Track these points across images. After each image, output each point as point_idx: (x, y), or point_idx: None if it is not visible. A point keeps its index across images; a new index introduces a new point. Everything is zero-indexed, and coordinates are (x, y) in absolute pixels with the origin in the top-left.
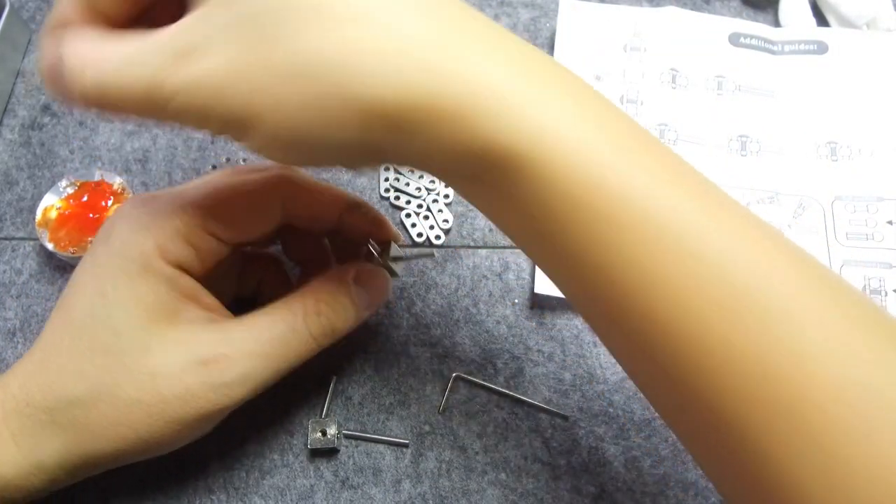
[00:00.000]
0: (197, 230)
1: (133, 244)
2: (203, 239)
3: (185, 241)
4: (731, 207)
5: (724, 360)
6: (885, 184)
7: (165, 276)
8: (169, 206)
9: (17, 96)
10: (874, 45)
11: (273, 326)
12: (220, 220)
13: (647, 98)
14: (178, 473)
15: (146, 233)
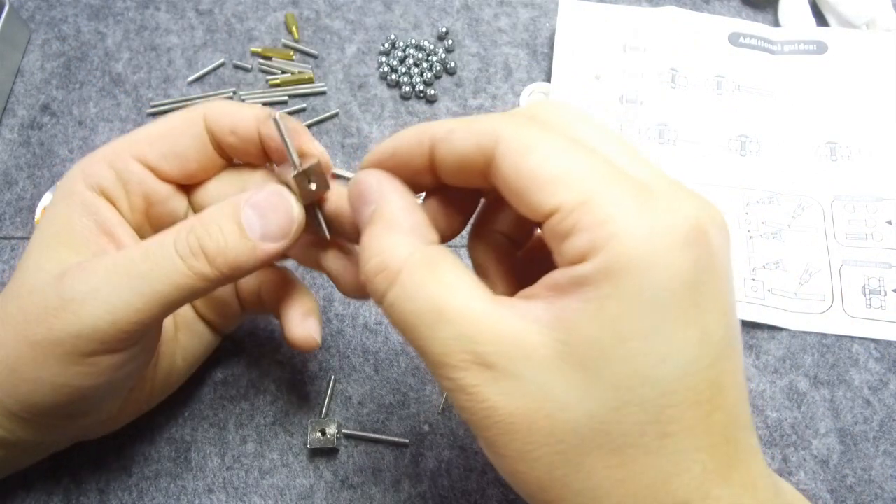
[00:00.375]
0: (122, 154)
1: (69, 173)
2: (126, 163)
3: (109, 166)
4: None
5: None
6: (884, 183)
7: (84, 201)
8: (108, 143)
9: (17, 96)
10: (873, 45)
11: (142, 245)
12: (146, 141)
13: (647, 98)
14: (178, 473)
15: (78, 164)
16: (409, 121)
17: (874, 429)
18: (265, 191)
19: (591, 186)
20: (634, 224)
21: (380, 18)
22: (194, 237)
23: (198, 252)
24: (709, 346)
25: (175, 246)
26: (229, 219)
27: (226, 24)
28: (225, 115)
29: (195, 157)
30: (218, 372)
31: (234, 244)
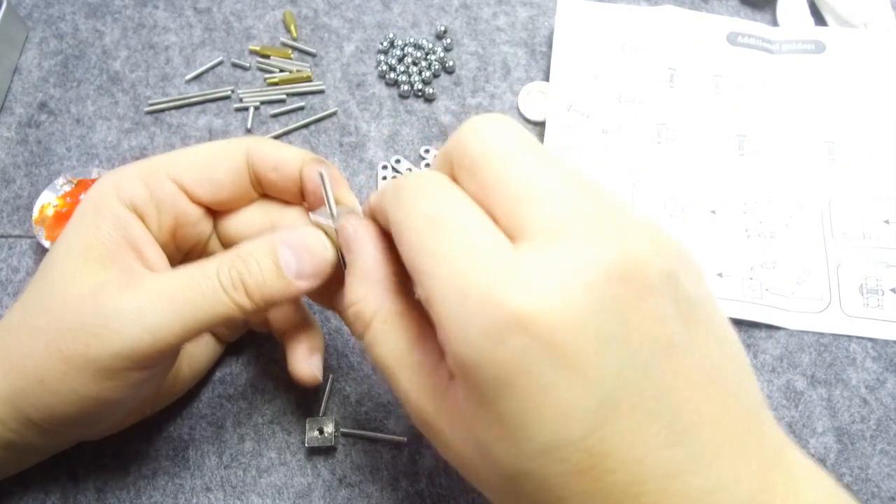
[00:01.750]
0: (157, 174)
1: (100, 183)
2: (161, 182)
3: (143, 183)
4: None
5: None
6: (882, 183)
7: (113, 213)
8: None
9: (14, 94)
10: (872, 45)
11: (185, 271)
12: (183, 164)
13: (645, 97)
14: (176, 471)
15: (110, 177)
16: (407, 120)
17: (871, 428)
18: (301, 232)
19: (429, 286)
20: (458, 328)
21: (378, 17)
22: (236, 272)
23: (239, 286)
24: (572, 420)
25: (219, 277)
26: (267, 257)
27: (224, 22)
28: (269, 153)
29: (229, 187)
30: (216, 371)
31: (272, 280)
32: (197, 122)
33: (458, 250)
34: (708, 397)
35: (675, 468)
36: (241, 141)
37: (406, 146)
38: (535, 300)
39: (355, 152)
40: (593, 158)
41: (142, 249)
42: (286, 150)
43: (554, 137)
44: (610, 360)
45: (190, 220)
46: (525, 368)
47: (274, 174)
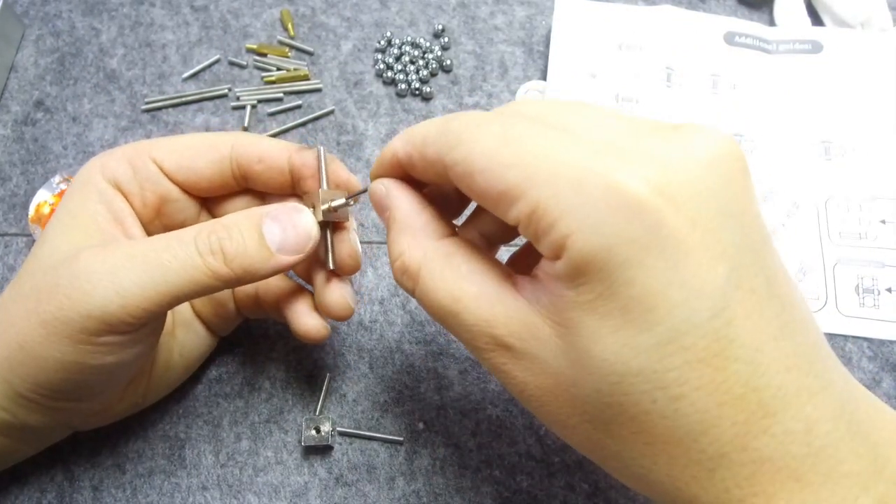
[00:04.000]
0: (141, 153)
1: (89, 164)
2: (144, 163)
3: (127, 161)
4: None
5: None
6: (879, 183)
7: (97, 189)
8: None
9: (11, 91)
10: (868, 45)
11: (163, 236)
12: (167, 149)
13: (643, 97)
14: (172, 470)
15: (101, 156)
16: (404, 118)
17: None
18: (287, 206)
19: (533, 195)
20: (579, 217)
21: (376, 16)
22: (216, 237)
23: (217, 251)
24: (699, 301)
25: (196, 242)
26: (251, 226)
27: (221, 20)
28: (254, 146)
29: (208, 176)
30: (212, 369)
31: (253, 250)
32: (194, 121)
33: (555, 144)
34: (798, 296)
35: (789, 362)
36: (229, 135)
37: None
38: (659, 176)
39: (352, 151)
40: None
41: (124, 223)
42: (271, 143)
43: None
44: (732, 235)
45: (172, 198)
46: (654, 243)
47: (259, 166)
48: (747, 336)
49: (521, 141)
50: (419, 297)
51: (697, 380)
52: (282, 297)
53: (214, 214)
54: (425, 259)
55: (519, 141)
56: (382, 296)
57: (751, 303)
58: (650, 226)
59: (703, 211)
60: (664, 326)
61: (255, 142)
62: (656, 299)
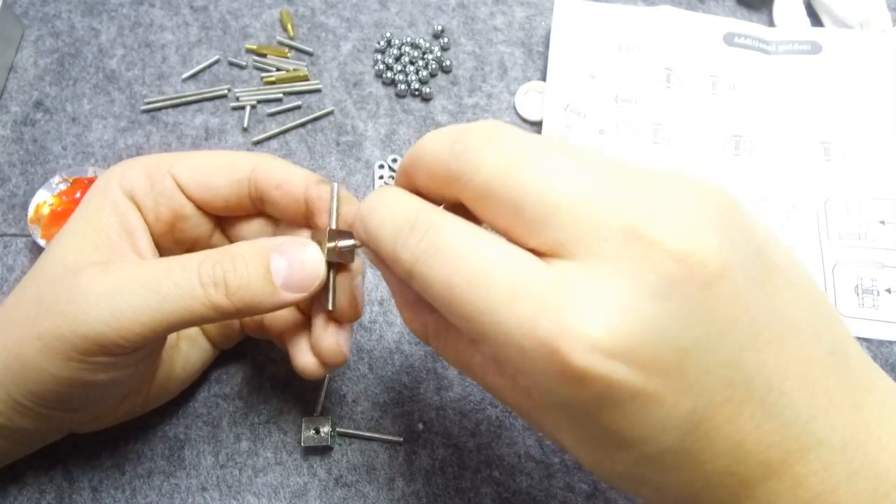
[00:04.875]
0: (160, 168)
1: (108, 172)
2: (162, 177)
3: (146, 174)
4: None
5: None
6: (878, 183)
7: (113, 199)
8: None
9: (10, 92)
10: (868, 46)
11: (166, 260)
12: (186, 166)
13: (642, 97)
14: (172, 471)
15: (121, 165)
16: (404, 119)
17: None
18: (298, 242)
19: (487, 345)
20: (531, 381)
21: (375, 16)
22: (220, 268)
23: (220, 283)
24: (666, 432)
25: (199, 271)
26: (258, 259)
27: (220, 20)
28: (275, 171)
29: (225, 195)
30: (212, 370)
31: (257, 284)
32: (193, 121)
33: (497, 300)
34: (792, 356)
35: (773, 439)
36: (252, 156)
37: (403, 145)
38: (604, 329)
39: (352, 151)
40: None
41: (134, 236)
42: (292, 171)
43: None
44: (696, 364)
45: (186, 214)
46: (610, 402)
47: (277, 192)
48: (723, 440)
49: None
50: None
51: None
52: (287, 328)
53: (227, 234)
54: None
55: (469, 293)
56: (382, 296)
57: (726, 412)
58: (600, 392)
59: (661, 351)
60: (635, 454)
61: (277, 168)
62: (619, 437)
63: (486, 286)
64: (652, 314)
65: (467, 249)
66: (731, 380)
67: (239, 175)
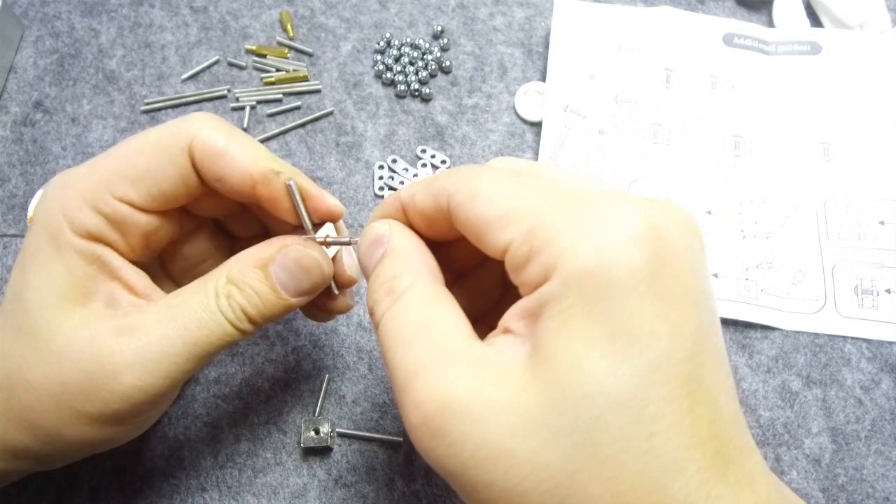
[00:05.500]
0: (103, 196)
1: (45, 220)
2: (111, 205)
3: (93, 210)
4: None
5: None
6: (877, 184)
7: (77, 250)
8: (78, 175)
9: (10, 92)
10: (867, 46)
11: (188, 307)
12: (126, 179)
13: (641, 98)
14: (171, 471)
15: (55, 206)
16: (403, 119)
17: (866, 428)
18: (292, 251)
19: (534, 214)
20: (581, 236)
21: (375, 17)
22: (236, 303)
23: (241, 315)
24: (680, 337)
25: (221, 310)
26: (261, 282)
27: (220, 21)
28: (212, 159)
29: (185, 193)
30: (211, 370)
31: (271, 304)
32: None
33: (562, 181)
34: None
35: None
36: (182, 135)
37: (403, 146)
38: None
39: (352, 152)
40: (589, 159)
41: (121, 276)
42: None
43: (550, 138)
44: (701, 289)
45: (155, 226)
46: (649, 273)
47: (219, 185)
48: (711, 384)
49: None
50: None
51: (672, 416)
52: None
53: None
54: (415, 283)
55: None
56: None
57: (712, 355)
58: (647, 256)
59: (685, 264)
60: (646, 357)
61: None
62: (643, 328)
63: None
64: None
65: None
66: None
67: (183, 166)
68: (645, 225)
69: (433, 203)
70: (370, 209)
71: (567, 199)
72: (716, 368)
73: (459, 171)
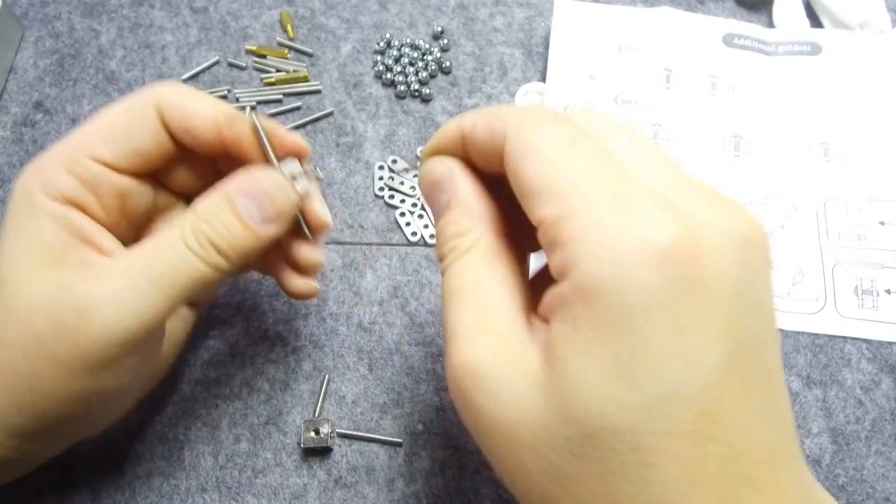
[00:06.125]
0: (77, 157)
1: (19, 185)
2: (85, 166)
3: (68, 172)
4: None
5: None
6: (878, 184)
7: (50, 213)
8: (56, 145)
9: (10, 93)
10: (867, 47)
11: (148, 247)
12: (99, 140)
13: (641, 98)
14: (171, 472)
15: (31, 172)
16: (404, 120)
17: (866, 429)
18: (254, 177)
19: (571, 200)
20: (604, 241)
21: (375, 17)
22: (202, 235)
23: (209, 248)
24: (696, 371)
25: (187, 244)
26: (228, 212)
27: (220, 21)
28: (178, 111)
29: (157, 153)
30: (211, 371)
31: (240, 234)
32: None
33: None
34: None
35: (765, 454)
36: (150, 97)
37: (403, 146)
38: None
39: (352, 152)
40: None
41: (93, 240)
42: (199, 106)
43: None
44: (741, 318)
45: (130, 189)
46: (667, 299)
47: (188, 137)
48: (731, 420)
49: (582, 147)
50: (451, 272)
51: (674, 452)
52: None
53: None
54: (478, 242)
55: (580, 146)
56: (381, 297)
57: (741, 388)
58: (667, 279)
59: (722, 286)
60: (653, 389)
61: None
62: (650, 358)
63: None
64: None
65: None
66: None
67: (152, 121)
68: (677, 239)
69: (490, 142)
70: (370, 209)
71: (607, 191)
72: (745, 402)
73: (524, 114)
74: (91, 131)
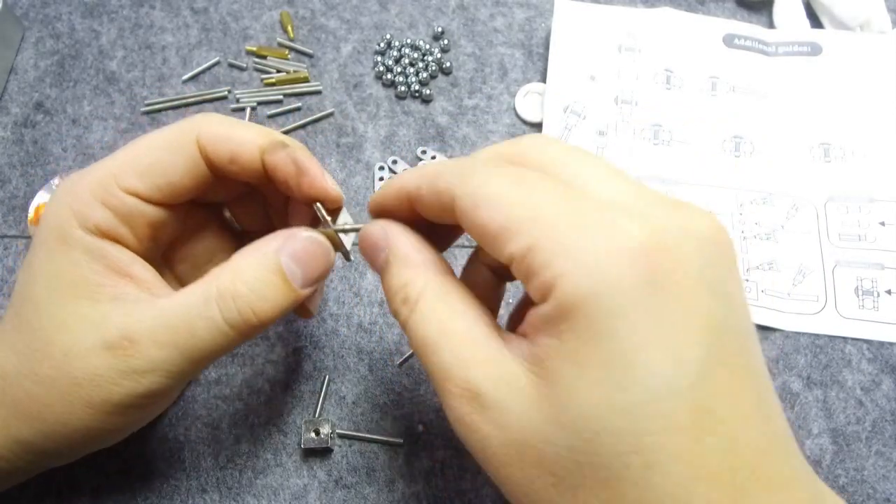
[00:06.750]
0: (112, 189)
1: (52, 215)
2: (120, 199)
3: (102, 205)
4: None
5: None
6: (878, 185)
7: (85, 246)
8: (87, 173)
9: (10, 93)
10: (867, 47)
11: (185, 312)
12: (134, 173)
13: (642, 99)
14: (171, 473)
15: (63, 201)
16: (404, 120)
17: (867, 429)
18: (301, 240)
19: (534, 233)
20: (577, 257)
21: (375, 18)
22: (245, 303)
23: (249, 318)
24: (683, 365)
25: (224, 317)
26: (275, 274)
27: (221, 22)
28: (222, 141)
29: (193, 185)
30: (211, 371)
31: (283, 297)
32: None
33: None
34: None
35: (764, 445)
36: (190, 128)
37: (403, 147)
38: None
39: (352, 153)
40: None
41: (130, 272)
42: (241, 135)
43: None
44: (718, 312)
45: (162, 220)
46: (642, 297)
47: (233, 167)
48: (725, 412)
49: (531, 185)
50: (411, 325)
51: (674, 449)
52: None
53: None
54: (425, 289)
55: (529, 185)
56: (382, 298)
57: (729, 381)
58: (641, 277)
59: (694, 281)
60: (643, 387)
61: (223, 136)
62: (637, 357)
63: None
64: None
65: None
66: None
67: (191, 157)
68: (645, 239)
69: (437, 201)
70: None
71: (569, 211)
72: (736, 394)
73: (464, 168)
74: (126, 161)
